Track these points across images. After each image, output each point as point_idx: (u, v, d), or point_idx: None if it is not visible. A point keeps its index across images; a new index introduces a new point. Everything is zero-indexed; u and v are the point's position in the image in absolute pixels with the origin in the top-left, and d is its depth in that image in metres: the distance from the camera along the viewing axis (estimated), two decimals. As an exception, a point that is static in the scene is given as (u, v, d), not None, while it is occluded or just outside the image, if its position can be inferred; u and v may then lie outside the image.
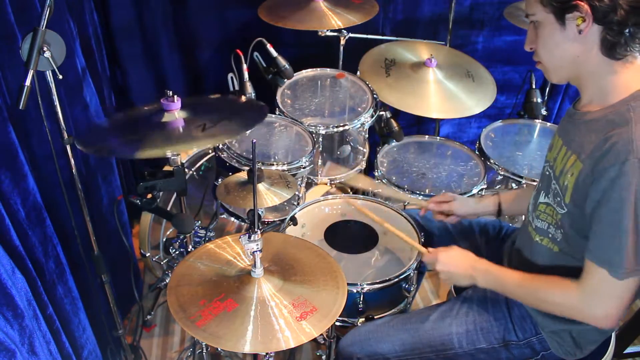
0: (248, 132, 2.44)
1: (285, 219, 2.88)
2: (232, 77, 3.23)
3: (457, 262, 2.38)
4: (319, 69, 3.93)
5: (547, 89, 4.57)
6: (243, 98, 2.74)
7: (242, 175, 2.86)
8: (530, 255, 2.35)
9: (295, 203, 3.32)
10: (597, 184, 1.88)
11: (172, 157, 2.40)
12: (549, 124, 3.90)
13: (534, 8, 1.98)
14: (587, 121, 2.02)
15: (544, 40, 2.01)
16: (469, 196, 3.40)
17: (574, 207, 2.03)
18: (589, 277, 1.98)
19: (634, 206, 1.81)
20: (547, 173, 2.23)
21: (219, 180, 3.19)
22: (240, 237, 2.07)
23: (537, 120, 3.91)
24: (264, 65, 3.34)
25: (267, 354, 2.56)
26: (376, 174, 3.57)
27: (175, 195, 3.54)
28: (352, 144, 3.66)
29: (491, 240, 2.78)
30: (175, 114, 2.34)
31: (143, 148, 2.15)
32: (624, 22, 1.85)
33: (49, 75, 2.16)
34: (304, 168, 3.24)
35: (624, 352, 3.23)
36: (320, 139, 3.48)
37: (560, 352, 2.29)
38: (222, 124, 2.28)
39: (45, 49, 2.04)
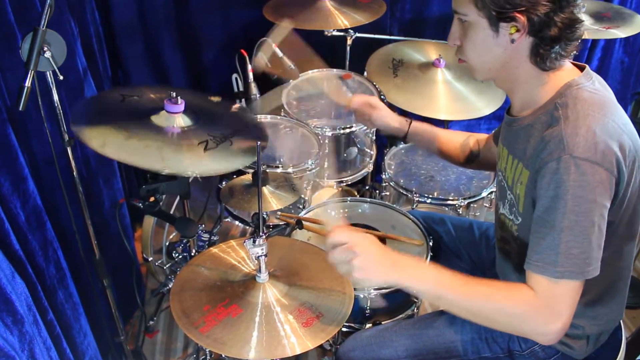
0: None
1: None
2: (236, 78, 3.23)
3: (376, 249, 2.01)
4: (325, 69, 3.92)
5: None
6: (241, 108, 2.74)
7: (247, 178, 2.86)
8: (501, 268, 2.38)
9: (300, 206, 3.32)
10: (537, 186, 1.90)
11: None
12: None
13: (466, 8, 1.98)
14: (524, 127, 2.06)
15: (474, 42, 2.02)
16: (478, 199, 3.40)
17: (527, 217, 2.04)
18: (542, 291, 1.90)
19: (568, 203, 1.81)
20: (502, 184, 2.25)
21: (223, 183, 3.19)
22: (244, 241, 2.07)
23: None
24: (269, 65, 3.33)
25: (272, 360, 2.57)
26: (384, 176, 3.57)
27: (178, 198, 3.54)
28: (359, 145, 3.65)
29: (491, 247, 2.76)
30: (176, 119, 2.34)
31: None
32: (557, 38, 1.91)
33: (50, 75, 2.17)
34: (309, 171, 3.24)
35: (636, 359, 3.22)
36: (327, 141, 3.47)
37: (574, 353, 2.28)
38: (223, 145, 2.29)
39: (45, 49, 2.04)
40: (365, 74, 3.83)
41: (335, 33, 3.83)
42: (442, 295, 2.00)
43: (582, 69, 2.04)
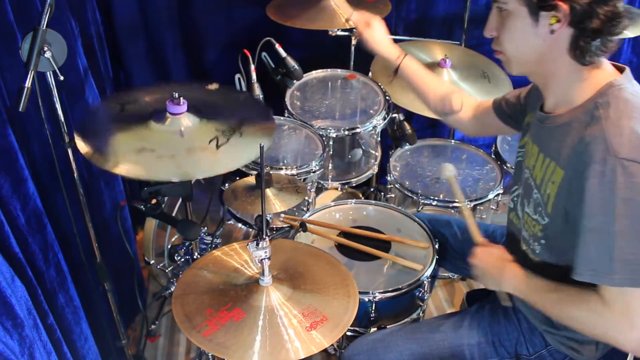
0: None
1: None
2: (239, 78, 3.22)
3: (489, 260, 2.26)
4: (329, 69, 3.92)
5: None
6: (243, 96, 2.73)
7: (250, 180, 2.85)
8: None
9: (304, 209, 3.31)
10: (579, 189, 1.86)
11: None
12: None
13: None
14: (560, 125, 2.03)
15: (512, 32, 1.99)
16: (484, 201, 3.40)
17: (555, 217, 2.02)
18: (611, 301, 1.87)
19: (617, 207, 1.78)
20: (529, 182, 2.20)
21: (226, 185, 3.19)
22: (248, 244, 2.06)
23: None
24: (273, 66, 3.32)
25: (275, 365, 2.56)
26: (389, 178, 3.56)
27: (180, 200, 3.54)
28: (363, 147, 3.65)
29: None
30: (181, 119, 2.33)
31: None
32: (598, 31, 1.87)
33: (50, 76, 2.16)
34: (313, 172, 3.24)
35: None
36: (331, 142, 3.47)
37: (582, 358, 2.27)
38: (234, 138, 2.28)
39: (45, 49, 2.04)
40: (370, 74, 3.82)
41: (340, 33, 3.81)
42: (536, 302, 2.13)
43: (621, 70, 2.02)
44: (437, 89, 2.76)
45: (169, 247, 3.56)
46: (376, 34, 2.79)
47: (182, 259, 3.20)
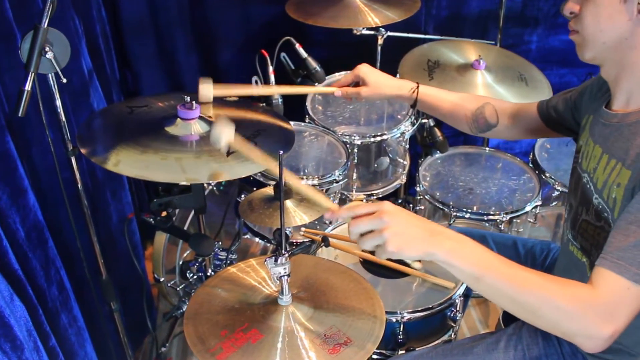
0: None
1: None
2: (256, 81, 3.21)
3: (409, 218, 1.90)
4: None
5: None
6: (263, 105, 2.72)
7: (268, 191, 2.84)
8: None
9: (327, 222, 3.31)
10: None
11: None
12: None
13: None
14: (630, 124, 1.97)
15: (597, 6, 1.91)
16: (521, 214, 3.37)
17: None
18: (607, 290, 1.81)
19: None
20: (588, 186, 2.13)
21: (242, 196, 3.18)
22: (265, 260, 2.05)
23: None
24: (292, 67, 3.32)
25: (295, 391, 2.55)
26: (418, 189, 3.55)
27: (193, 213, 3.54)
28: (390, 155, 3.64)
29: (538, 266, 2.72)
30: (192, 126, 2.33)
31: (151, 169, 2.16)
32: None
33: (52, 78, 2.16)
34: (337, 182, 3.23)
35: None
36: (356, 150, 3.46)
37: None
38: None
39: (47, 49, 2.04)
40: (397, 76, 3.81)
41: (365, 32, 3.81)
42: (484, 277, 1.89)
43: None
44: (466, 107, 2.72)
45: (181, 263, 3.56)
46: (372, 81, 2.73)
47: (195, 276, 3.20)
